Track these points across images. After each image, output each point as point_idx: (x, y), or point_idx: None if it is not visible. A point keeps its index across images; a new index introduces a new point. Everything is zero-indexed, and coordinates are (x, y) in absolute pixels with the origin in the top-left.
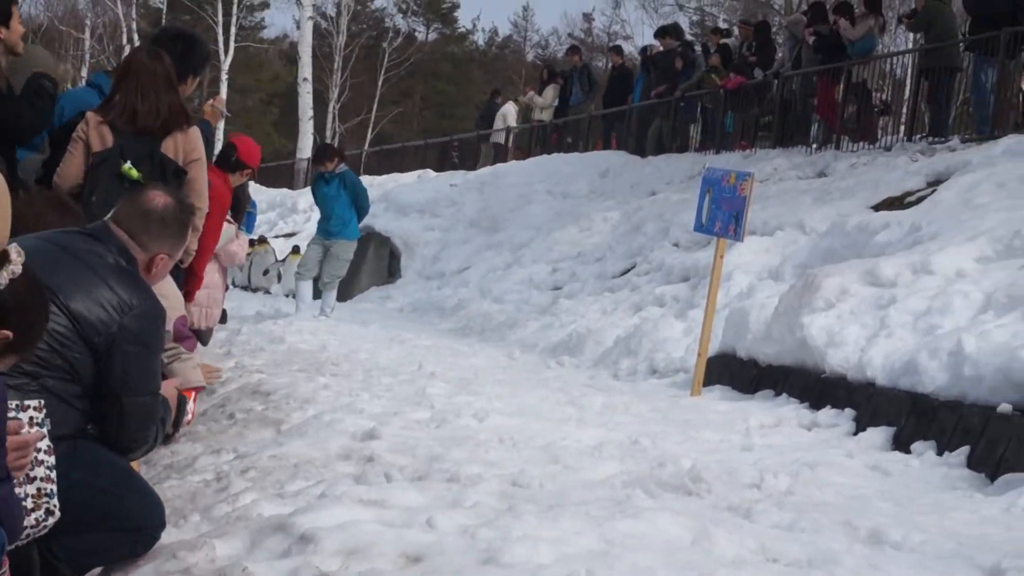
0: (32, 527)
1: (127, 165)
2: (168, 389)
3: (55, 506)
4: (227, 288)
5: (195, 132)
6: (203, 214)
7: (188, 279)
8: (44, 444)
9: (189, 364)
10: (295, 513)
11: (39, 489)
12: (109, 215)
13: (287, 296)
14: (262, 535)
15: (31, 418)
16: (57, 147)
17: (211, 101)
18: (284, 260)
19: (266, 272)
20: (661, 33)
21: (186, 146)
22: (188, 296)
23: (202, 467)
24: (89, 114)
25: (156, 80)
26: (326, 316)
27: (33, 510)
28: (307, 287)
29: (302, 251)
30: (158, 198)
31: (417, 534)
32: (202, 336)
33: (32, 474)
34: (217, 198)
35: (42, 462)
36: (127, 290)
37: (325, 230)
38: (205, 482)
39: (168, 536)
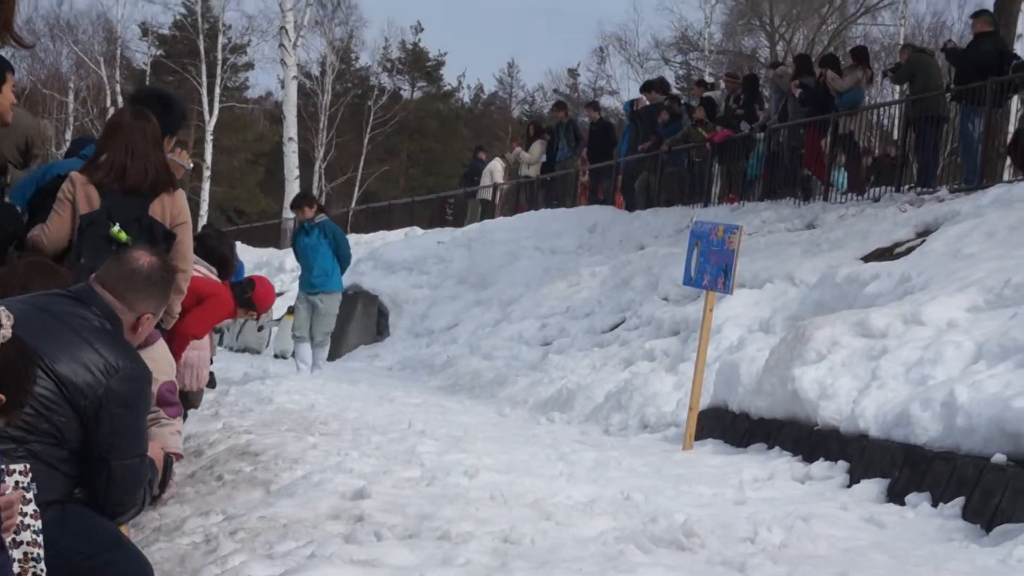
0: None
1: (116, 228)
2: (155, 450)
3: (42, 570)
4: (215, 350)
5: (181, 195)
6: (188, 277)
7: (175, 341)
8: (30, 508)
9: (168, 429)
10: (285, 574)
11: (25, 554)
12: (93, 276)
13: (276, 357)
14: None
15: (16, 482)
16: (35, 211)
17: (171, 155)
18: (280, 320)
19: (261, 328)
20: (647, 87)
21: (173, 209)
22: (175, 357)
23: (191, 529)
24: (74, 174)
25: (145, 139)
26: (320, 369)
27: (20, 575)
28: (306, 348)
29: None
30: (143, 258)
31: None
32: (192, 399)
33: (18, 538)
34: (222, 303)
35: (28, 526)
36: (113, 352)
37: (308, 282)
38: (194, 544)
39: None
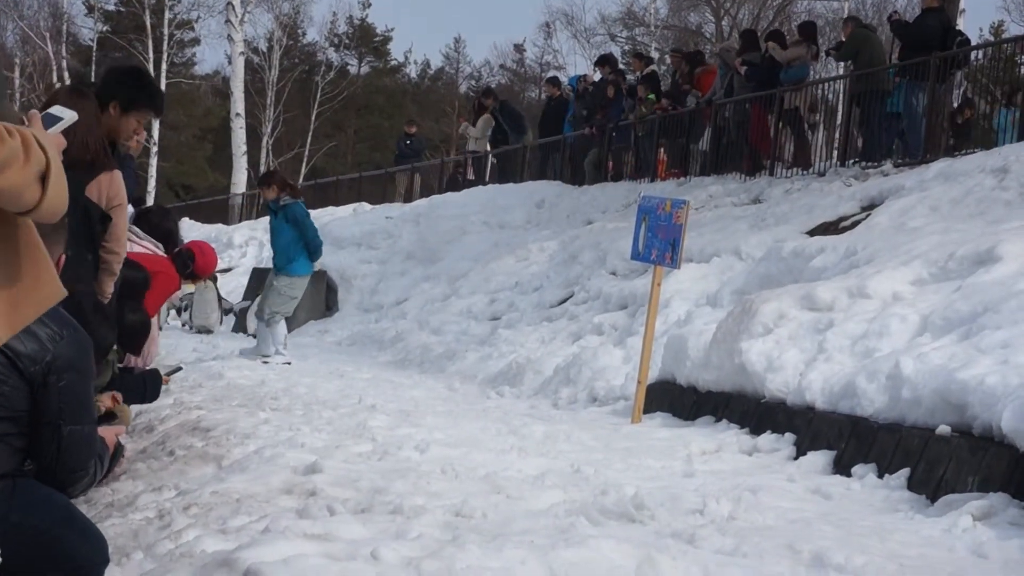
0: None
1: None
2: (107, 434)
3: None
4: (160, 328)
5: (119, 176)
6: (120, 259)
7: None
8: None
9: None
10: (239, 549)
11: None
12: None
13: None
14: (206, 572)
15: None
16: None
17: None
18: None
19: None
20: (602, 62)
21: (111, 190)
22: None
23: (144, 504)
24: None
25: (84, 116)
26: (281, 353)
27: None
28: (263, 325)
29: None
30: None
31: (362, 567)
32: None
33: None
34: (169, 279)
35: None
36: (55, 320)
37: (274, 264)
38: (147, 520)
39: (111, 575)
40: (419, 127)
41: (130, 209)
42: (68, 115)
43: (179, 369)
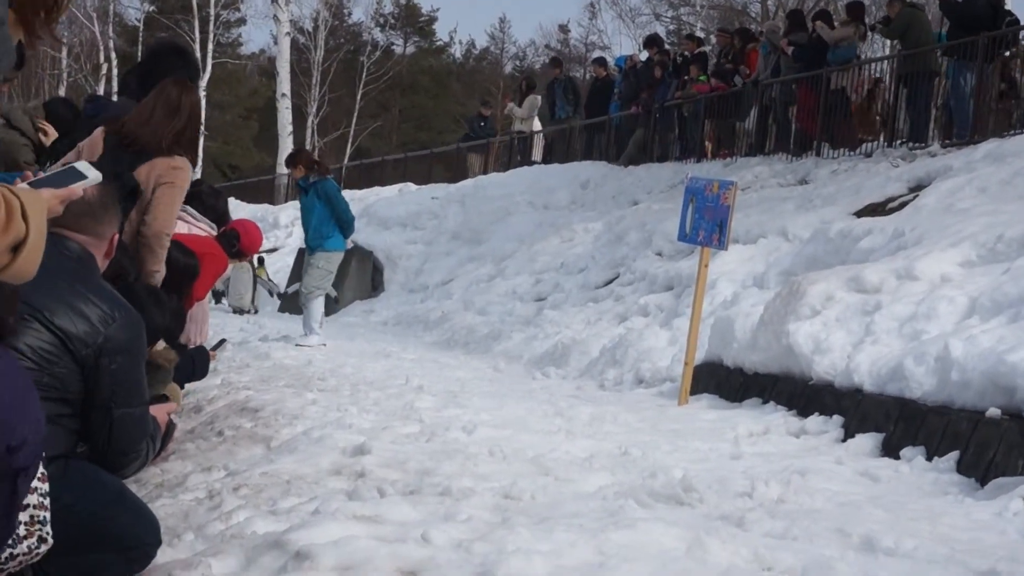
0: (24, 554)
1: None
2: (160, 413)
3: (48, 533)
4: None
5: (178, 161)
6: (160, 237)
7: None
8: (38, 471)
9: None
10: (289, 530)
11: (32, 516)
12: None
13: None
14: (257, 553)
15: None
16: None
17: None
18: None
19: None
20: (649, 43)
21: (162, 168)
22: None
23: (193, 485)
24: (97, 130)
25: (155, 100)
26: (316, 333)
27: (25, 537)
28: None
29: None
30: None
31: (412, 549)
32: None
33: (25, 501)
34: (217, 260)
35: (35, 489)
36: (107, 303)
37: (307, 243)
38: (197, 500)
39: (163, 555)
40: (493, 110)
41: None
42: (92, 175)
43: (223, 342)
